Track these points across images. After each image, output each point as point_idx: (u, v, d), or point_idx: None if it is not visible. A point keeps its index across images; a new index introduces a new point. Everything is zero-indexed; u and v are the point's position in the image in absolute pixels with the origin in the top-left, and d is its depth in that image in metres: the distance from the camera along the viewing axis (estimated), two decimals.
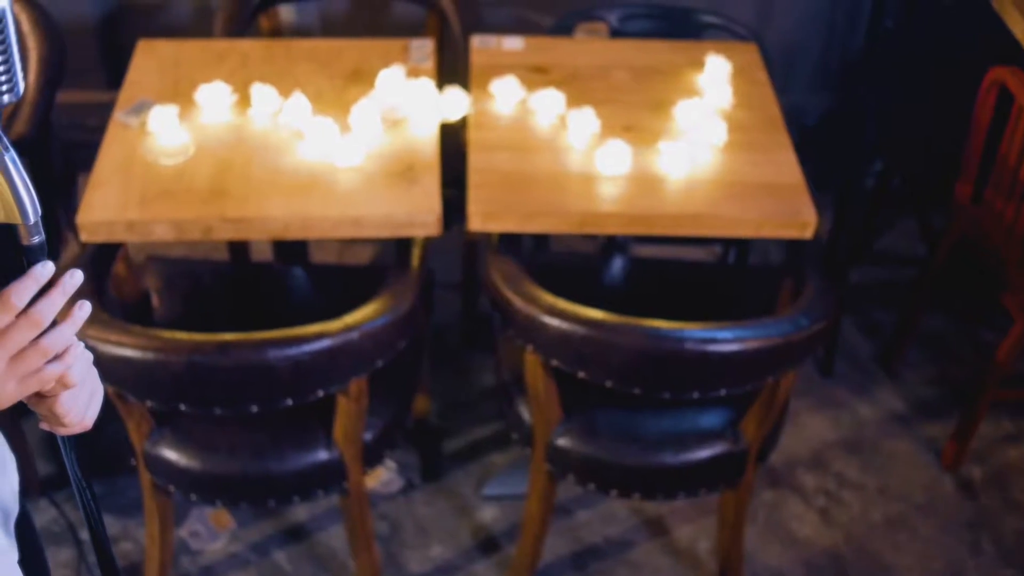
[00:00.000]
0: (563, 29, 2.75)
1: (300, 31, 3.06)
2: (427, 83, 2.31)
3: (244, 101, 2.27)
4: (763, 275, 2.66)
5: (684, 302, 2.36)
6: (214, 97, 2.25)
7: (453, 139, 2.34)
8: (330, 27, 3.19)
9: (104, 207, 2.04)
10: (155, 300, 2.33)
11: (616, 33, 2.77)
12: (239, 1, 2.76)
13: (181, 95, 2.29)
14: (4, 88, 0.83)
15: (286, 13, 3.02)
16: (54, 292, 0.93)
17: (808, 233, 2.09)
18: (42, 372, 0.94)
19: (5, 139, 0.88)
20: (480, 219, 2.06)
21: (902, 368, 2.90)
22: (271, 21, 2.86)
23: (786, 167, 2.18)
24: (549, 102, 2.27)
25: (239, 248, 2.67)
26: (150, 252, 2.70)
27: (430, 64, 2.42)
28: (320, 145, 2.15)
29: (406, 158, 2.16)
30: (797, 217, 2.08)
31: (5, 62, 0.82)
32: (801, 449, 2.70)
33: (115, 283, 2.21)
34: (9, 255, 0.93)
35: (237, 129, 2.22)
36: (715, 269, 2.92)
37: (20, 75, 0.84)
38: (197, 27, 3.26)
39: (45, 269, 0.93)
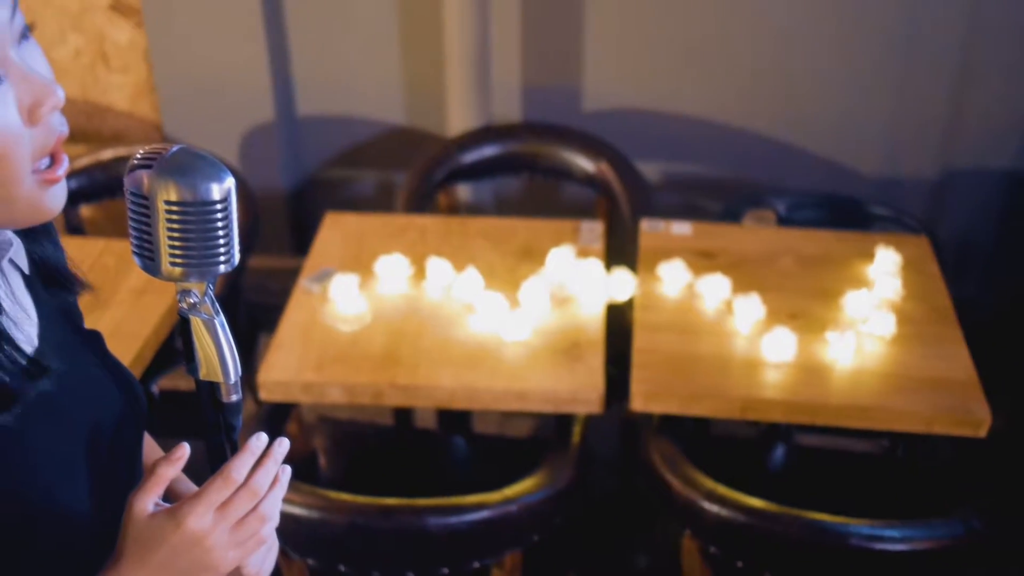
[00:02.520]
0: (731, 215, 2.80)
1: (476, 209, 3.20)
2: (596, 263, 2.38)
3: (420, 273, 2.37)
4: (933, 472, 2.57)
5: (849, 495, 2.30)
6: (392, 268, 2.37)
7: (619, 319, 2.39)
8: (504, 206, 3.33)
9: (283, 368, 2.14)
10: (322, 460, 2.41)
11: (784, 221, 2.80)
12: (420, 180, 2.93)
13: (362, 265, 2.41)
14: (222, 259, 0.91)
15: (463, 191, 3.17)
16: (268, 462, 0.98)
17: (982, 432, 2.02)
18: (258, 536, 0.98)
19: (216, 304, 0.96)
20: (642, 399, 2.08)
21: None
22: (449, 199, 3.01)
23: (957, 362, 2.14)
24: (715, 287, 2.30)
25: (404, 414, 2.75)
26: (320, 413, 2.81)
27: (599, 245, 2.49)
28: (490, 319, 2.22)
29: (572, 335, 2.21)
30: (970, 414, 2.02)
31: (226, 236, 0.90)
32: None
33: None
34: (209, 410, 0.99)
35: (412, 300, 2.32)
36: (882, 463, 2.83)
37: (237, 247, 0.92)
38: (380, 202, 3.45)
39: (259, 442, 0.98)
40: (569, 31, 3.19)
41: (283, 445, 0.99)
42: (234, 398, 0.99)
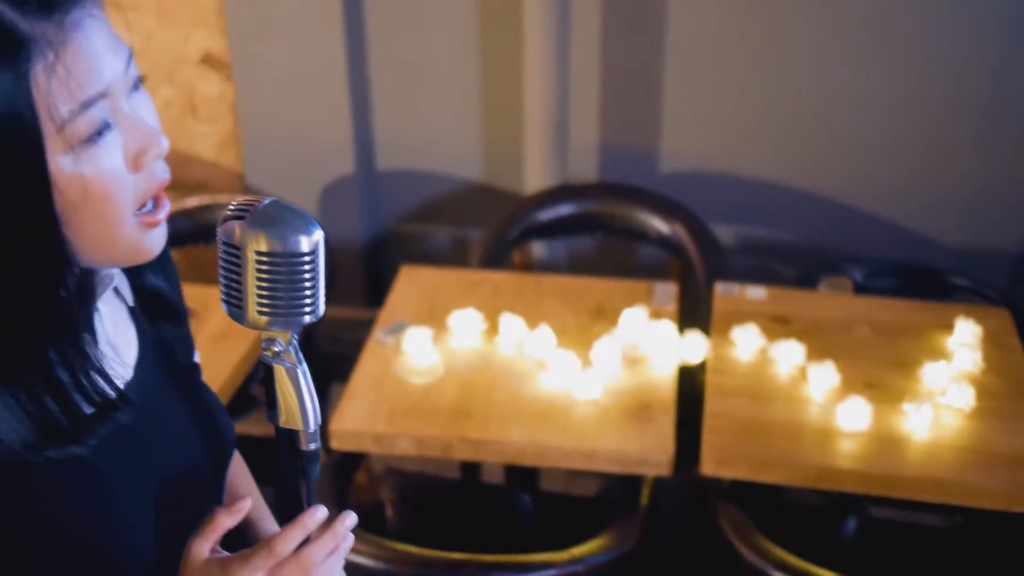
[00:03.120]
0: (807, 281, 2.78)
1: (549, 266, 3.22)
2: (668, 325, 2.37)
3: (493, 329, 2.39)
4: (1010, 552, 2.50)
5: (921, 570, 2.25)
6: (466, 323, 2.39)
7: (690, 382, 2.38)
8: (577, 265, 3.34)
9: (355, 418, 2.16)
10: (389, 511, 2.42)
11: (861, 289, 2.77)
12: (496, 237, 2.95)
13: (436, 319, 2.44)
14: (308, 310, 0.93)
15: (538, 249, 3.19)
16: (326, 536, 0.99)
17: None
18: None
19: (300, 354, 0.98)
20: (713, 464, 2.06)
21: None
22: (523, 256, 3.03)
23: None
24: (790, 353, 2.28)
25: (471, 468, 2.75)
26: (388, 463, 2.82)
27: (672, 307, 2.49)
28: (561, 377, 2.23)
29: (643, 397, 2.20)
30: None
31: (312, 288, 0.93)
32: None
33: (354, 491, 2.31)
34: (287, 457, 1.01)
35: (484, 355, 2.33)
36: (956, 539, 2.76)
37: (323, 299, 0.94)
38: (454, 257, 3.48)
39: (315, 517, 0.99)
40: (648, 93, 3.22)
41: (348, 519, 1.01)
42: (312, 447, 1.00)
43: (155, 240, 0.95)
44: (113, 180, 0.88)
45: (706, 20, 3.10)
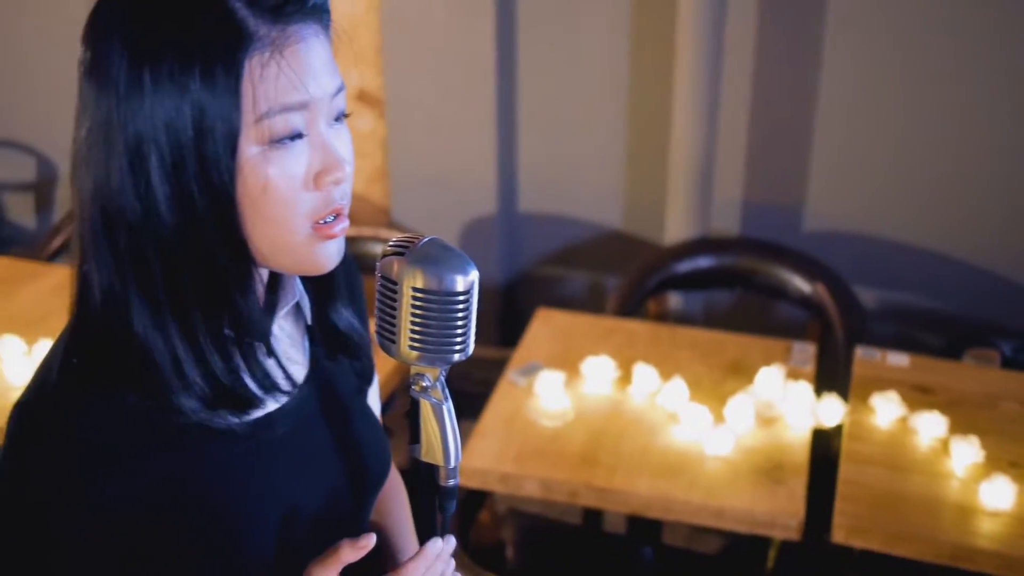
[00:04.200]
0: (952, 352, 2.70)
1: (685, 319, 3.20)
2: (805, 386, 2.33)
3: (626, 378, 2.38)
4: None
5: None
6: (599, 370, 2.39)
7: (825, 446, 2.32)
8: (713, 319, 3.31)
9: (483, 456, 2.18)
10: (510, 551, 2.43)
11: (1009, 363, 2.68)
12: (633, 285, 2.95)
13: (569, 363, 2.44)
14: (458, 348, 0.95)
15: (674, 300, 3.17)
16: (438, 564, 1.02)
17: None
18: None
19: (447, 391, 1.00)
20: (845, 532, 2.01)
21: None
22: (659, 306, 3.02)
23: None
24: (931, 424, 2.21)
25: (594, 515, 2.74)
26: (511, 504, 2.83)
27: (810, 368, 2.44)
28: (693, 431, 2.21)
29: (775, 457, 2.17)
30: None
31: (464, 326, 0.95)
32: None
33: (477, 529, 2.33)
34: (425, 491, 1.03)
35: (616, 403, 2.33)
36: None
37: (473, 338, 0.96)
38: (590, 302, 3.49)
39: (435, 547, 1.02)
40: (795, 149, 3.18)
41: (450, 542, 1.03)
42: (451, 483, 1.02)
43: (329, 253, 0.98)
44: (291, 187, 0.93)
45: (859, 78, 3.06)
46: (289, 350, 1.06)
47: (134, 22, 0.89)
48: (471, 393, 2.84)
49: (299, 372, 1.07)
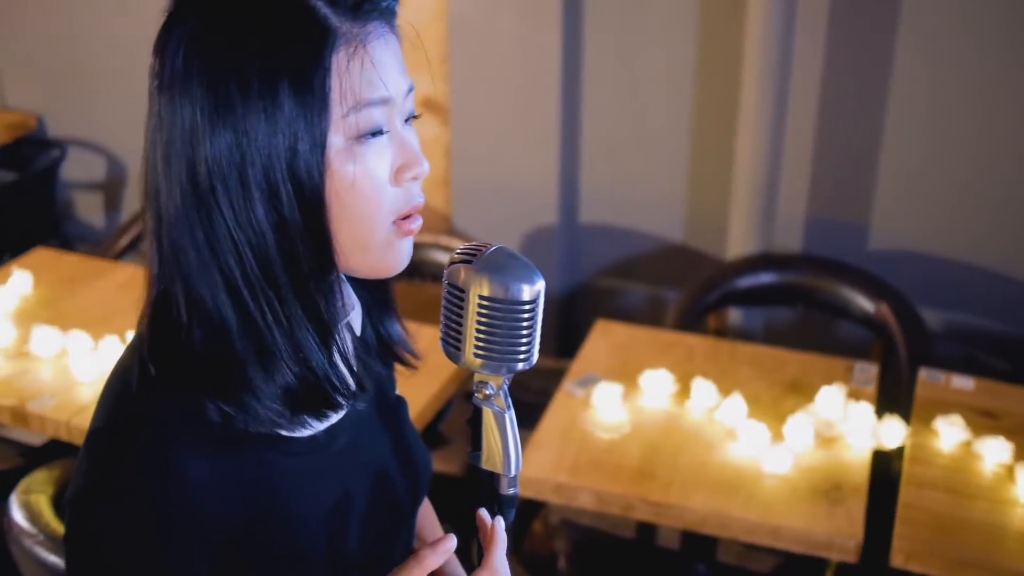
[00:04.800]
0: (1019, 376, 2.64)
1: (745, 334, 3.17)
2: (866, 407, 2.30)
3: (684, 392, 2.37)
4: None
5: None
6: (657, 383, 2.37)
7: (885, 468, 2.29)
8: (774, 336, 3.28)
9: (539, 466, 2.18)
10: (562, 562, 2.42)
11: None
12: (693, 299, 2.94)
13: (626, 376, 2.43)
14: (522, 357, 0.95)
15: (734, 316, 3.15)
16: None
17: None
18: None
19: (509, 399, 1.00)
20: (904, 556, 1.98)
21: None
22: (719, 321, 3.00)
23: None
24: (996, 450, 2.17)
25: (648, 529, 2.72)
26: (563, 515, 2.82)
27: (872, 388, 2.41)
28: (751, 448, 2.19)
29: (834, 477, 2.14)
30: None
31: (529, 336, 0.95)
32: None
33: (530, 539, 2.32)
34: (485, 499, 1.03)
35: (673, 417, 2.32)
36: None
37: (537, 348, 0.96)
38: (648, 315, 3.48)
39: (500, 523, 1.03)
40: (862, 167, 3.15)
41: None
42: (511, 491, 1.02)
43: (403, 252, 0.99)
44: (377, 183, 0.94)
45: (928, 96, 3.01)
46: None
47: (214, 31, 0.89)
48: (528, 403, 2.84)
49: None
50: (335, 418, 1.04)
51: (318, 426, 1.01)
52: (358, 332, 1.09)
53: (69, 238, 4.38)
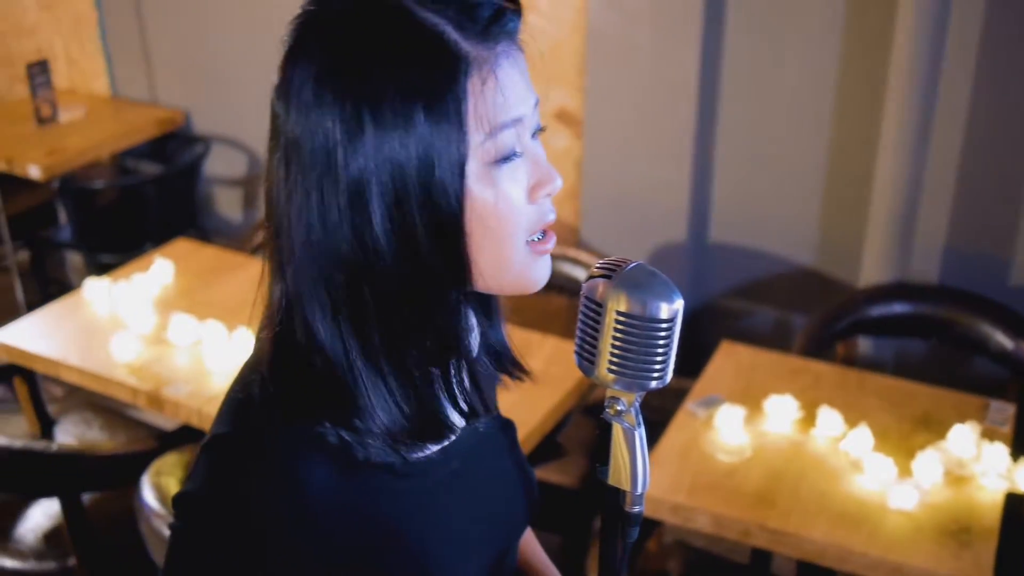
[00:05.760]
0: None
1: (874, 364, 3.09)
2: (1001, 448, 2.22)
3: (809, 420, 2.32)
4: None
5: None
6: (781, 409, 2.33)
7: (1017, 511, 2.20)
8: (904, 368, 3.19)
9: (656, 485, 2.16)
10: None
11: None
12: (822, 325, 2.88)
13: (750, 399, 2.40)
14: (656, 375, 0.95)
15: (864, 345, 3.07)
16: None
17: None
18: None
19: (640, 416, 0.99)
20: None
21: None
22: (847, 349, 2.93)
23: None
24: None
25: (763, 556, 2.67)
26: (678, 535, 2.79)
27: (1007, 429, 2.32)
28: (876, 481, 2.13)
29: (963, 518, 2.07)
30: None
31: (665, 354, 0.94)
32: None
33: (644, 557, 2.30)
34: (610, 516, 1.02)
35: (797, 444, 2.27)
36: None
37: (672, 367, 0.96)
38: (774, 339, 3.42)
39: None
40: (1006, 199, 3.04)
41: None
42: (636, 509, 1.01)
43: (542, 269, 0.99)
44: (514, 204, 0.94)
45: None
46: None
47: (346, 59, 0.88)
48: (646, 420, 2.83)
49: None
50: (445, 441, 1.04)
51: (433, 447, 1.02)
52: (474, 353, 1.10)
53: (206, 230, 4.52)
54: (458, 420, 1.00)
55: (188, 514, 0.95)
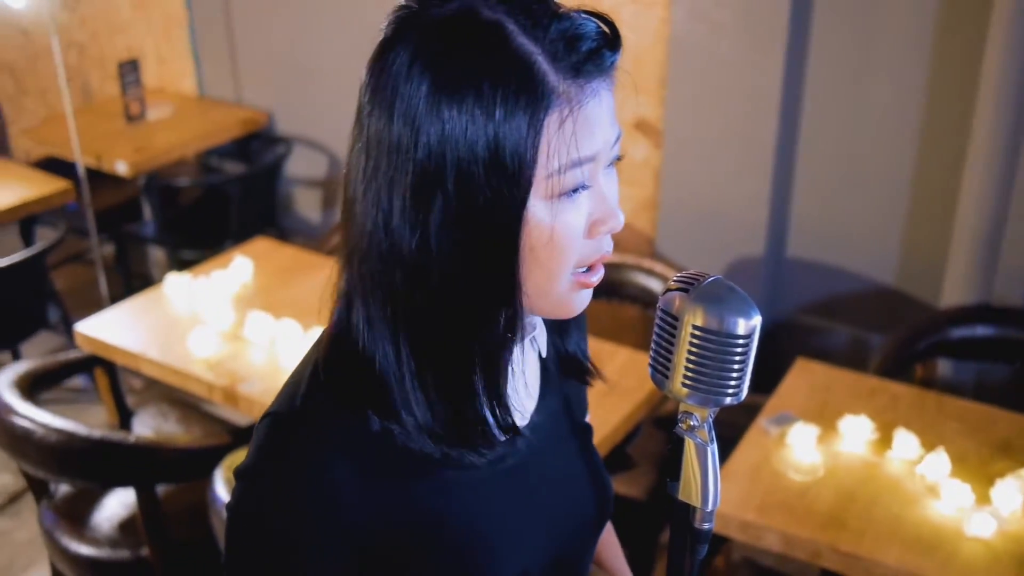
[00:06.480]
0: None
1: (953, 387, 3.02)
2: None
3: (884, 442, 2.28)
4: None
5: None
6: (856, 429, 2.29)
7: None
8: (985, 392, 3.11)
9: (726, 501, 2.13)
10: None
11: None
12: (901, 346, 2.82)
13: (824, 418, 2.36)
14: (731, 391, 0.94)
15: (944, 367, 3.01)
16: None
17: None
18: None
19: (713, 432, 0.98)
20: None
21: None
22: (926, 371, 2.87)
23: None
24: None
25: None
26: (745, 553, 2.76)
27: None
28: (953, 507, 2.08)
29: None
30: None
31: (740, 370, 0.93)
32: None
33: (711, 574, 2.28)
34: (678, 531, 1.01)
35: (871, 466, 2.23)
36: None
37: (747, 384, 0.94)
38: (850, 358, 3.36)
39: None
40: None
41: None
42: (706, 526, 1.00)
43: (581, 300, 0.99)
44: (571, 237, 0.93)
45: None
46: (520, 384, 1.07)
47: (434, 64, 0.88)
48: (717, 435, 2.80)
49: (530, 404, 1.09)
50: (503, 438, 1.03)
51: (483, 449, 1.01)
52: (543, 353, 1.09)
53: (285, 230, 4.59)
54: (498, 432, 0.99)
55: (237, 489, 0.98)
